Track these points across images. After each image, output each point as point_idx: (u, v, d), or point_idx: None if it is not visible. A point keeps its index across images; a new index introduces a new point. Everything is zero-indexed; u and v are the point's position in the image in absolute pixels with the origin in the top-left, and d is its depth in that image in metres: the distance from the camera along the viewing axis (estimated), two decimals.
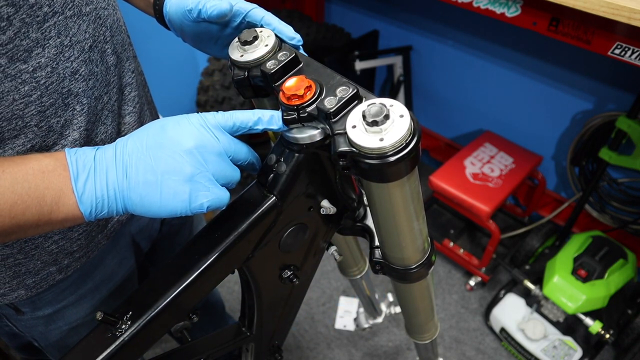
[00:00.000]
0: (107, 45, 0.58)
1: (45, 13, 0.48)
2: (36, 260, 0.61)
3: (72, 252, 0.64)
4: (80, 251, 0.65)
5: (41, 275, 0.63)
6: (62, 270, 0.65)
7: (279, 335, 0.71)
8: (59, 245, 0.62)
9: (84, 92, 0.55)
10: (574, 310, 1.43)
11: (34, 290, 0.64)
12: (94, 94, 0.57)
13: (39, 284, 0.64)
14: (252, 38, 0.48)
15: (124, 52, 0.64)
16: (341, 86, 0.43)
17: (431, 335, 0.80)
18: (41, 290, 0.65)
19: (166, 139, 0.43)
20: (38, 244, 0.60)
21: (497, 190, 1.64)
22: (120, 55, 0.62)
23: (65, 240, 0.62)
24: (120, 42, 0.62)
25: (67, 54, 0.52)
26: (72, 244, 0.63)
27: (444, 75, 2.03)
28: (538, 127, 1.82)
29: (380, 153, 0.37)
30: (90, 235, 0.65)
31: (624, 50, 1.05)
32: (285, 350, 1.61)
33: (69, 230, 0.62)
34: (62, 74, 0.52)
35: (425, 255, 0.55)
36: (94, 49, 0.56)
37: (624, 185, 1.66)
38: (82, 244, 0.64)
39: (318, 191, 0.52)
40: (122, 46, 0.63)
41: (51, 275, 0.64)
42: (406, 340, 1.68)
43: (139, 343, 0.50)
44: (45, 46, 0.49)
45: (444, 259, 1.94)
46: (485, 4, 1.22)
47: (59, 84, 0.52)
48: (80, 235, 0.63)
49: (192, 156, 0.43)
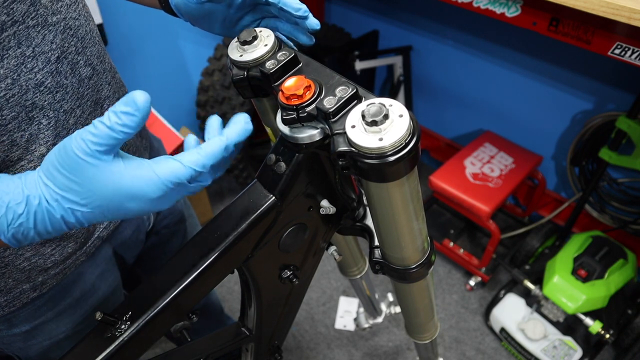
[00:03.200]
0: (79, 57, 0.56)
1: (3, 22, 0.46)
2: (7, 279, 0.59)
3: (46, 268, 0.61)
4: (56, 268, 0.62)
5: (13, 293, 0.60)
6: (37, 288, 0.62)
7: (278, 335, 0.71)
8: (31, 262, 0.59)
9: (51, 105, 0.52)
10: (574, 310, 1.43)
11: (7, 309, 0.61)
12: (63, 107, 0.54)
13: (11, 303, 0.61)
14: (252, 38, 0.48)
15: (100, 64, 0.61)
16: (340, 86, 0.43)
17: (431, 335, 0.80)
18: (14, 309, 0.62)
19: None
20: (8, 261, 0.58)
21: (497, 190, 1.64)
22: (96, 68, 0.60)
23: (38, 257, 0.60)
24: (95, 54, 0.60)
25: (29, 65, 0.49)
26: (46, 260, 0.61)
27: (444, 75, 2.03)
28: (538, 127, 1.82)
29: (379, 153, 0.37)
30: (64, 250, 0.62)
31: (624, 50, 1.05)
32: (285, 350, 1.61)
33: (40, 246, 0.59)
34: (25, 86, 0.49)
35: (425, 255, 0.55)
36: (63, 60, 0.53)
37: (624, 185, 1.66)
38: (57, 260, 0.62)
39: (317, 191, 0.52)
40: (97, 58, 0.60)
41: (25, 293, 0.61)
42: (406, 340, 1.68)
43: (138, 343, 0.50)
44: (4, 57, 0.47)
45: (444, 259, 1.94)
46: (485, 4, 1.22)
47: (21, 97, 0.49)
48: (54, 250, 0.61)
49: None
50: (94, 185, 0.38)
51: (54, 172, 0.38)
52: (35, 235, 0.40)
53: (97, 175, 0.38)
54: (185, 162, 0.39)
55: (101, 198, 0.39)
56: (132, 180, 0.38)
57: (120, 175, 0.38)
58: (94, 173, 0.38)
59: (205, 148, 0.40)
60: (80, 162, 0.37)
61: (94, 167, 0.37)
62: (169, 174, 0.39)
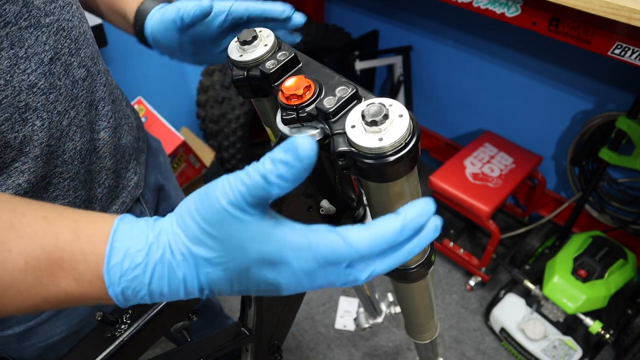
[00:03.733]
0: (72, 58, 0.56)
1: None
2: None
3: None
4: None
5: None
6: None
7: (278, 335, 0.71)
8: None
9: (44, 106, 0.52)
10: (574, 310, 1.43)
11: None
12: (57, 109, 0.54)
13: None
14: (251, 38, 0.48)
15: (94, 65, 0.61)
16: (340, 86, 0.43)
17: (431, 335, 0.79)
18: None
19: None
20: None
21: (497, 190, 1.64)
22: (90, 69, 0.59)
23: None
24: (89, 56, 0.59)
25: (22, 66, 0.49)
26: None
27: (444, 75, 2.03)
28: (538, 127, 1.82)
29: (379, 153, 0.37)
30: None
31: (624, 50, 1.05)
32: (285, 350, 1.61)
33: None
34: (18, 87, 0.49)
35: (424, 255, 0.55)
36: (56, 61, 0.53)
37: (624, 185, 1.66)
38: None
39: (317, 191, 0.52)
40: (91, 59, 0.60)
41: None
42: (406, 340, 1.68)
43: (138, 343, 0.50)
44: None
45: (444, 259, 1.94)
46: (485, 4, 1.22)
47: (14, 98, 0.49)
48: None
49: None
50: (233, 243, 0.32)
51: (188, 220, 0.32)
52: (146, 295, 0.34)
53: (241, 231, 0.31)
54: (348, 236, 0.32)
55: (237, 260, 0.32)
56: (281, 243, 0.32)
57: (269, 236, 0.32)
58: (238, 229, 0.31)
59: (377, 225, 0.32)
60: (223, 213, 0.31)
61: (239, 221, 0.31)
62: (324, 248, 0.32)
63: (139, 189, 0.73)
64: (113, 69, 1.74)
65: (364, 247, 0.32)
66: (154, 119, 1.72)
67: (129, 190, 0.71)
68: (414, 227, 0.33)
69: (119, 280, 0.33)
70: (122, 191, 0.70)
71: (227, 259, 0.32)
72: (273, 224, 0.32)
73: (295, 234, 0.32)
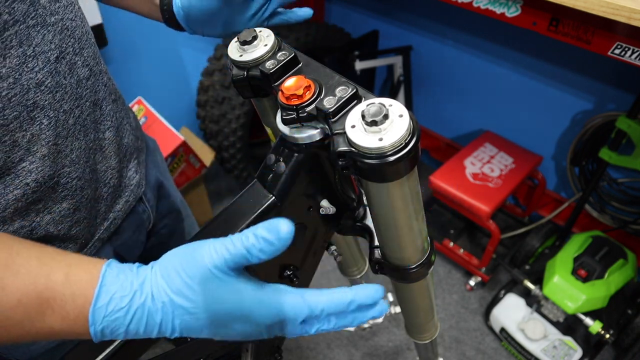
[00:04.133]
0: (76, 57, 0.56)
1: (5, 21, 0.46)
2: None
3: None
4: None
5: None
6: None
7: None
8: None
9: (51, 104, 0.52)
10: (574, 310, 1.43)
11: None
12: (63, 107, 0.54)
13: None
14: (252, 38, 0.48)
15: (96, 65, 0.61)
16: (340, 86, 0.43)
17: (431, 335, 0.79)
18: None
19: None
20: None
21: (497, 190, 1.64)
22: (92, 69, 0.60)
23: None
24: (91, 55, 0.60)
25: (30, 64, 0.49)
26: None
27: (444, 75, 2.03)
28: (538, 127, 1.82)
29: (379, 153, 0.37)
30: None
31: (624, 50, 1.05)
32: (285, 350, 1.61)
33: None
34: (27, 86, 0.49)
35: (425, 255, 0.55)
36: (61, 60, 0.53)
37: (624, 185, 1.66)
38: None
39: (317, 191, 0.52)
40: (93, 59, 0.60)
41: None
42: (406, 340, 1.68)
43: (138, 343, 0.50)
44: (6, 56, 0.47)
45: (444, 259, 1.94)
46: (485, 4, 1.22)
47: (22, 96, 0.49)
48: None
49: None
50: (211, 298, 0.37)
51: (173, 274, 0.38)
52: (122, 333, 0.38)
53: (219, 288, 0.37)
54: (307, 298, 0.39)
55: (212, 312, 0.38)
56: (251, 301, 0.38)
57: (242, 294, 0.38)
58: (217, 286, 0.37)
59: (332, 294, 0.40)
60: (207, 273, 0.37)
61: (219, 280, 0.37)
62: (287, 307, 0.39)
63: (141, 188, 0.74)
64: (113, 69, 1.74)
65: (319, 309, 0.39)
66: (154, 119, 1.72)
67: (132, 189, 0.72)
68: (360, 303, 0.40)
69: (102, 320, 0.37)
70: (125, 190, 0.70)
71: (203, 309, 0.37)
72: (246, 284, 0.38)
73: (264, 293, 0.39)
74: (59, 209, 0.58)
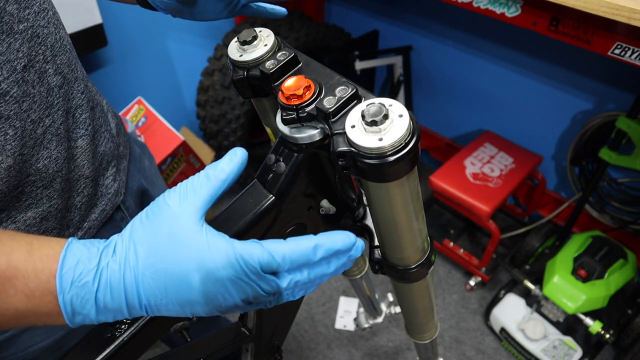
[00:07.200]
0: (47, 65, 0.54)
1: None
2: None
3: None
4: None
5: None
6: None
7: (278, 335, 0.71)
8: None
9: (17, 114, 0.50)
10: (574, 310, 1.43)
11: None
12: (30, 117, 0.52)
13: None
14: (252, 38, 0.48)
15: (70, 72, 0.59)
16: (340, 86, 0.43)
17: (431, 335, 0.80)
18: None
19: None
20: None
21: (497, 190, 1.64)
22: (67, 76, 0.58)
23: None
24: (65, 62, 0.58)
25: None
26: None
27: (444, 75, 2.03)
28: (538, 127, 1.82)
29: (379, 153, 0.37)
30: None
31: (624, 50, 1.05)
32: (285, 350, 1.61)
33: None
34: None
35: (425, 255, 0.55)
36: (30, 68, 0.51)
37: (624, 185, 1.66)
38: None
39: (317, 191, 0.52)
40: (68, 66, 0.58)
41: None
42: (406, 340, 1.68)
43: (138, 343, 0.50)
44: None
45: (444, 259, 1.94)
46: (485, 4, 1.22)
47: None
48: None
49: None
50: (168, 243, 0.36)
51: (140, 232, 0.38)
52: (92, 307, 0.36)
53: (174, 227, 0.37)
54: (265, 245, 0.37)
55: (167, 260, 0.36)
56: (208, 246, 0.36)
57: (199, 238, 0.36)
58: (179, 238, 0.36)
59: (292, 242, 0.38)
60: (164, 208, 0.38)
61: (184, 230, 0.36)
62: (244, 251, 0.36)
63: (119, 197, 0.72)
64: (113, 69, 1.75)
65: (280, 255, 0.37)
66: (154, 119, 1.72)
67: (109, 198, 0.69)
68: (327, 249, 0.38)
69: (70, 287, 0.35)
70: (101, 199, 0.68)
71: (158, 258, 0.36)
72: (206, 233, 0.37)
73: (222, 239, 0.37)
74: (23, 218, 0.56)
